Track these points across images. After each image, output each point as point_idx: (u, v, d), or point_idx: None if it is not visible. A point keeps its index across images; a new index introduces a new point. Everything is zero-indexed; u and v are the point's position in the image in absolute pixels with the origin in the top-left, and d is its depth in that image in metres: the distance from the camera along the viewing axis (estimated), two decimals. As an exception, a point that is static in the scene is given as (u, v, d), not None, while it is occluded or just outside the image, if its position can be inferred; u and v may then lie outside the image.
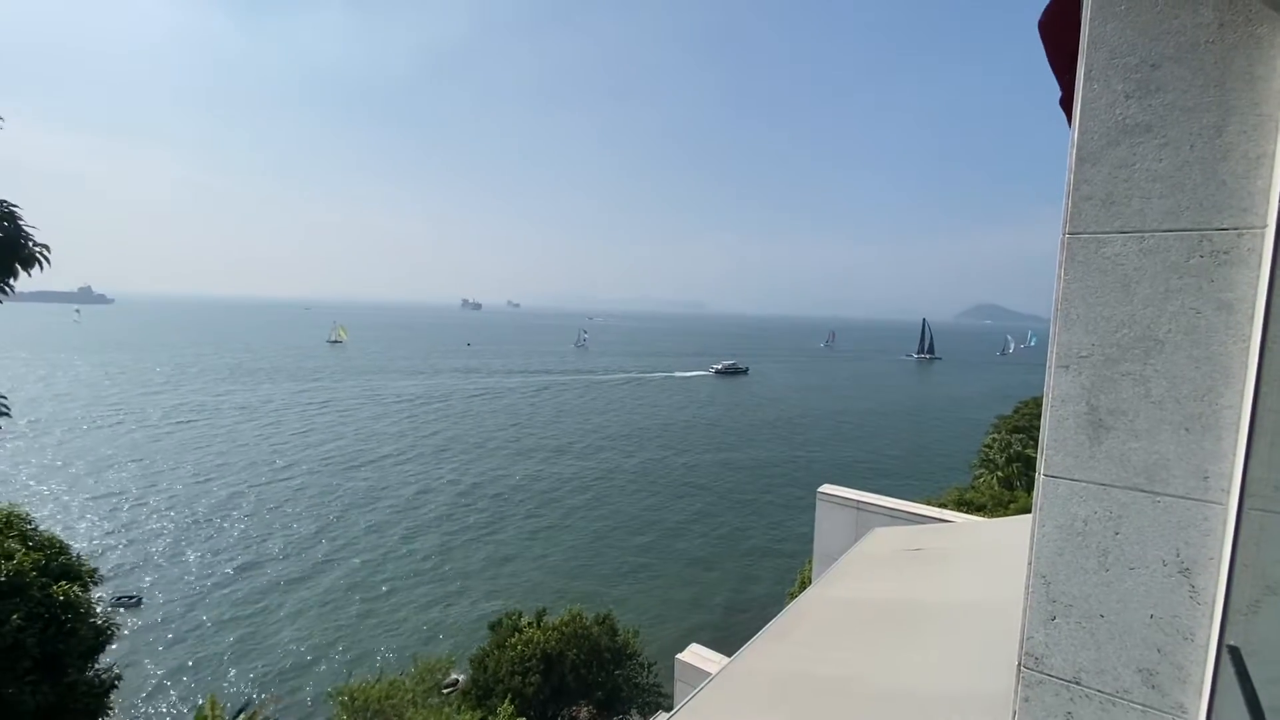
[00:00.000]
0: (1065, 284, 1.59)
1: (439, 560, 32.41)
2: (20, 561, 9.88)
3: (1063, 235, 1.60)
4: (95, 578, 11.60)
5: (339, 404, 72.59)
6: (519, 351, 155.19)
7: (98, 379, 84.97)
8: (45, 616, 9.71)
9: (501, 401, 79.28)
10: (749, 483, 46.49)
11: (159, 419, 60.90)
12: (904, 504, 6.79)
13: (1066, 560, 1.58)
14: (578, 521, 38.17)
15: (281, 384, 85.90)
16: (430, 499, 41.29)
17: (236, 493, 40.82)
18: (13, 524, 10.64)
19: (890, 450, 59.15)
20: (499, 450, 54.21)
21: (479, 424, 64.91)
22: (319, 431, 58.41)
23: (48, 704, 8.88)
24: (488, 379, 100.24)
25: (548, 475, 47.33)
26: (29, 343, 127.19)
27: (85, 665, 10.56)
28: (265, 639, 25.00)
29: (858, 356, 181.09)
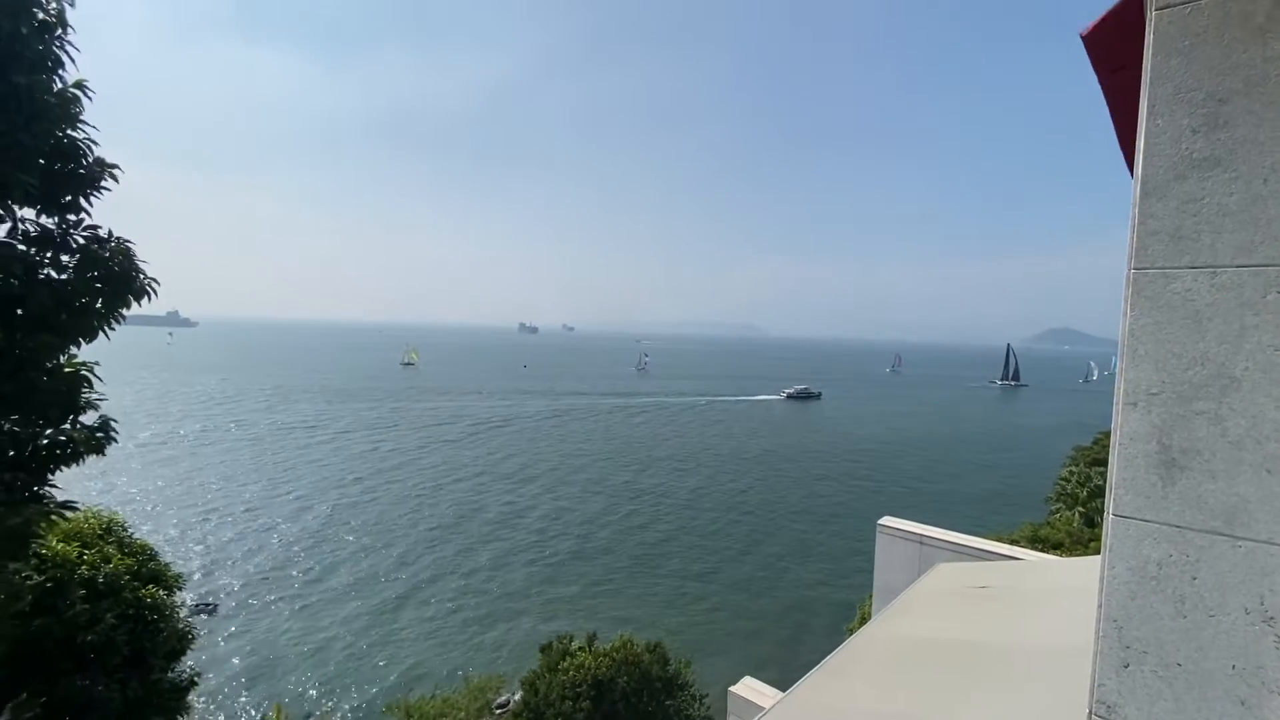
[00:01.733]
0: (1132, 319, 1.55)
1: (496, 579, 32.91)
2: (115, 565, 10.65)
3: (1128, 270, 1.57)
4: (179, 584, 12.38)
5: (412, 424, 75.30)
6: (580, 374, 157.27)
7: (190, 398, 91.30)
8: (135, 617, 10.40)
9: (570, 424, 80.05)
10: (817, 512, 45.37)
11: (246, 437, 64.72)
12: (970, 539, 6.49)
13: (1140, 605, 1.52)
14: (636, 546, 38.03)
15: (360, 404, 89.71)
16: (493, 519, 42.06)
17: (313, 510, 42.70)
18: (111, 530, 11.49)
19: (966, 482, 56.48)
20: (568, 474, 54.73)
21: (547, 446, 65.79)
22: (393, 452, 60.56)
23: (135, 699, 9.47)
24: (555, 401, 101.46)
25: (615, 499, 47.51)
26: (132, 365, 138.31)
27: (168, 665, 11.23)
28: (328, 650, 25.89)
29: (932, 383, 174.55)
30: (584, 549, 37.31)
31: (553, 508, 44.98)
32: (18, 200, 5.68)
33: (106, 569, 10.41)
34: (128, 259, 6.19)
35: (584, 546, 37.69)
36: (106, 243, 6.06)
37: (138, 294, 6.41)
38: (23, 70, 5.03)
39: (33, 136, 5.33)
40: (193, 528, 38.47)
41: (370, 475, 51.60)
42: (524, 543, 38.24)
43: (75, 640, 9.02)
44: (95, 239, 6.00)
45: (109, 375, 6.66)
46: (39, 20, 5.34)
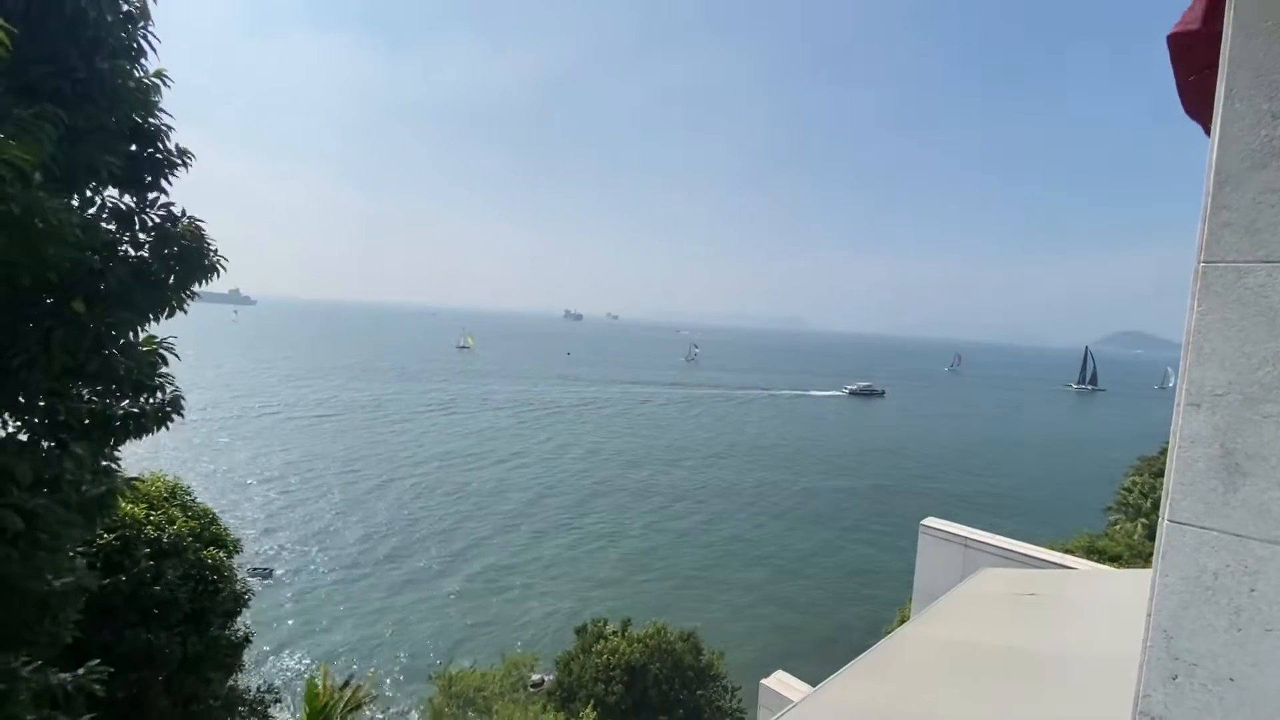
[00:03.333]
0: (1199, 315, 1.47)
1: (538, 560, 33.69)
2: (180, 527, 11.34)
3: (1197, 264, 1.49)
4: (237, 547, 13.09)
5: (470, 405, 77.47)
6: (628, 363, 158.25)
7: (257, 373, 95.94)
8: (196, 577, 11.05)
9: (620, 413, 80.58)
10: (868, 509, 44.73)
11: (308, 412, 67.71)
12: (1018, 545, 6.27)
13: (1192, 615, 1.45)
14: (680, 535, 38.33)
15: (422, 385, 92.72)
16: (541, 503, 42.92)
17: (370, 484, 44.54)
18: (176, 494, 12.20)
19: (1032, 487, 54.59)
20: (618, 461, 55.30)
21: (597, 434, 66.58)
22: (450, 432, 62.60)
23: (193, 654, 10.08)
24: (604, 389, 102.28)
25: (664, 489, 47.82)
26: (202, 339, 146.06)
27: (226, 623, 11.92)
28: (375, 619, 27.00)
29: (996, 384, 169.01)
30: (626, 535, 37.74)
31: (601, 495, 45.52)
32: (103, 182, 6.05)
33: (171, 530, 11.09)
34: (198, 237, 6.51)
35: (626, 533, 38.12)
36: (179, 221, 6.39)
37: (208, 271, 6.75)
38: (106, 57, 5.33)
39: (115, 121, 5.65)
40: (254, 496, 40.55)
41: (427, 455, 53.36)
42: (569, 528, 38.94)
43: (140, 596, 9.66)
44: (169, 217, 6.34)
45: (179, 348, 7.07)
46: (124, 10, 5.64)
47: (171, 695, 10.39)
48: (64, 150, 5.24)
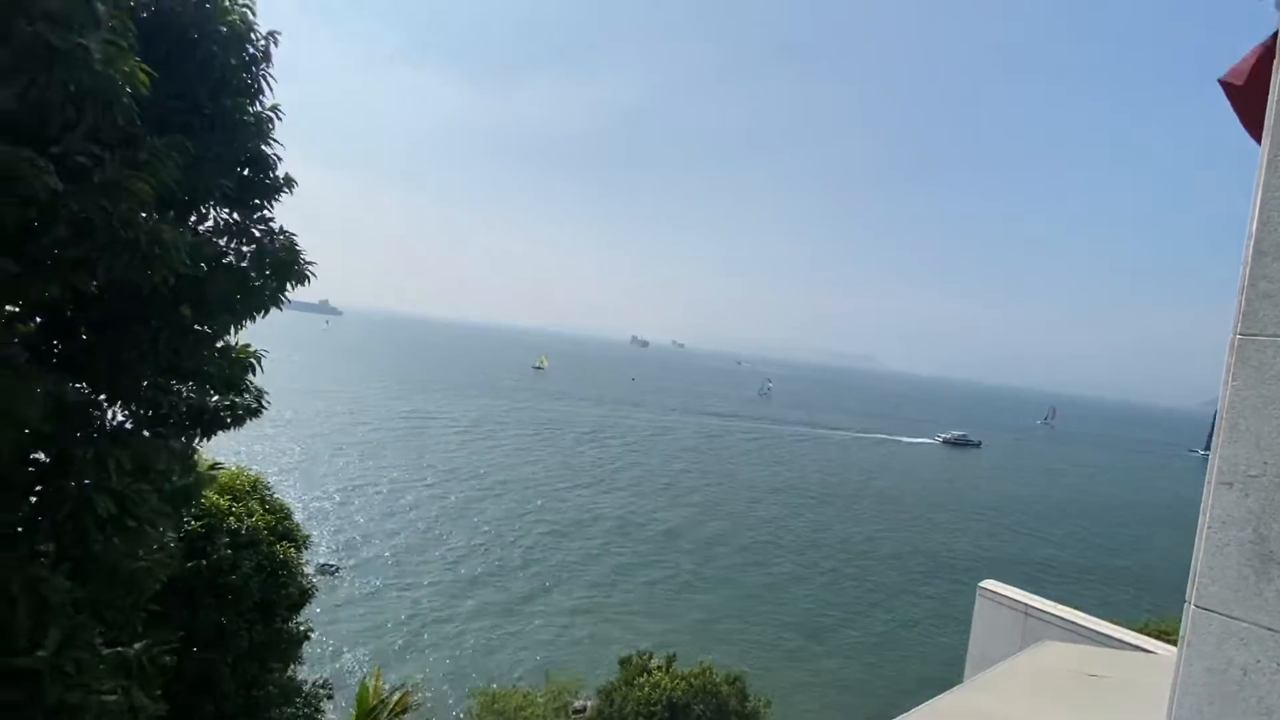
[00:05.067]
0: (1234, 390, 1.40)
1: (593, 584, 33.65)
2: (257, 520, 12.13)
3: (1233, 335, 1.42)
4: (306, 543, 13.85)
5: (538, 425, 79.03)
6: (699, 393, 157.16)
7: (344, 379, 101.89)
8: (267, 569, 11.75)
9: (690, 444, 79.00)
10: (945, 571, 42.07)
11: (388, 420, 71.15)
12: (1088, 619, 5.78)
13: (1216, 712, 1.35)
14: (741, 576, 37.14)
15: (496, 401, 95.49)
16: (604, 528, 42.70)
17: (439, 495, 46.02)
18: (256, 488, 13.09)
19: (1135, 556, 50.02)
20: (684, 493, 54.31)
21: (667, 463, 65.74)
22: (520, 450, 63.85)
23: (259, 642, 10.69)
24: (682, 419, 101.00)
25: (734, 527, 46.56)
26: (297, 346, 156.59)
27: (290, 616, 12.58)
28: (428, 627, 27.67)
29: (1097, 442, 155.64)
30: (684, 570, 37.07)
31: (665, 525, 44.88)
32: (218, 202, 6.77)
33: (249, 522, 11.87)
34: (292, 249, 7.14)
35: (684, 567, 37.45)
36: (276, 234, 7.04)
37: (299, 279, 7.37)
38: (229, 94, 6.01)
39: (232, 150, 6.34)
40: (327, 496, 42.78)
41: (497, 469, 54.71)
42: (626, 553, 38.72)
43: (217, 582, 10.37)
44: (268, 232, 6.99)
45: (274, 352, 7.69)
46: (248, 54, 6.36)
47: (236, 679, 11.02)
48: (187, 175, 5.91)
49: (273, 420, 60.43)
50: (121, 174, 4.04)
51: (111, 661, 4.73)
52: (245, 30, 6.27)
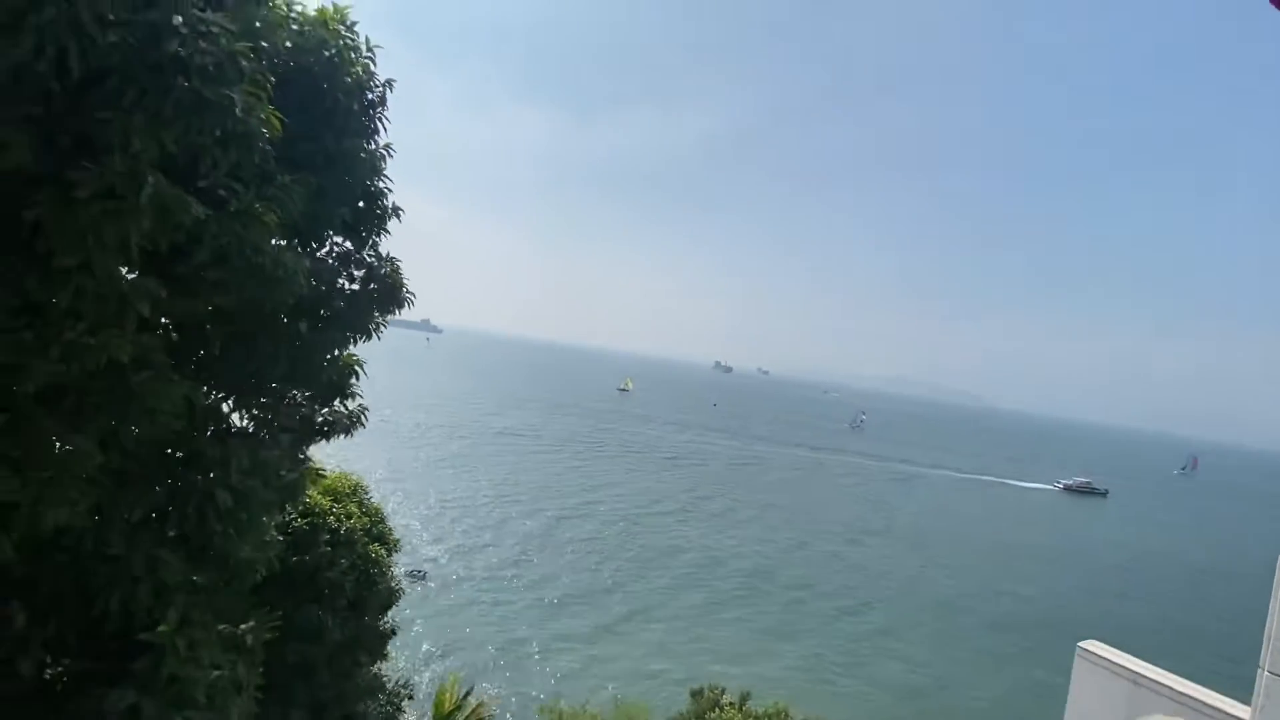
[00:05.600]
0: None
1: (671, 610, 33.04)
2: (354, 522, 13.03)
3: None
4: (397, 546, 14.68)
5: (625, 447, 79.43)
6: (787, 422, 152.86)
7: (444, 393, 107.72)
8: (361, 569, 12.56)
9: (789, 479, 75.65)
10: (1059, 637, 37.71)
11: (484, 436, 74.00)
12: (1207, 693, 5.09)
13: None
14: (829, 623, 35.08)
15: (581, 421, 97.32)
16: (686, 556, 41.86)
17: (527, 513, 46.80)
18: (355, 492, 14.08)
19: None
20: (775, 526, 52.41)
21: (753, 492, 63.96)
22: (606, 471, 64.45)
23: (350, 636, 11.41)
24: (772, 449, 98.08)
25: (831, 566, 44.18)
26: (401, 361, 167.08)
27: (379, 615, 13.35)
28: (506, 642, 28.29)
29: (1252, 498, 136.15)
30: (769, 610, 35.46)
31: (751, 561, 43.35)
32: (336, 230, 7.54)
33: (348, 524, 12.77)
34: (396, 274, 7.81)
35: (769, 608, 35.82)
36: (384, 261, 7.71)
37: (401, 303, 8.04)
38: (349, 135, 6.71)
39: (350, 184, 7.05)
40: (422, 504, 45.09)
41: (583, 490, 55.46)
42: (710, 588, 37.75)
43: (317, 577, 11.21)
44: (377, 258, 7.67)
45: (382, 367, 8.39)
46: (368, 100, 7.09)
47: (330, 669, 11.79)
48: (311, 207, 6.64)
49: (377, 430, 64.49)
50: (254, 205, 4.62)
51: (222, 639, 5.27)
52: (366, 79, 7.01)
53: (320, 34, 6.26)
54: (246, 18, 4.82)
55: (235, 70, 3.84)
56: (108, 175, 3.29)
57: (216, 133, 3.82)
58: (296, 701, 10.58)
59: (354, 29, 6.93)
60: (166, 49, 3.34)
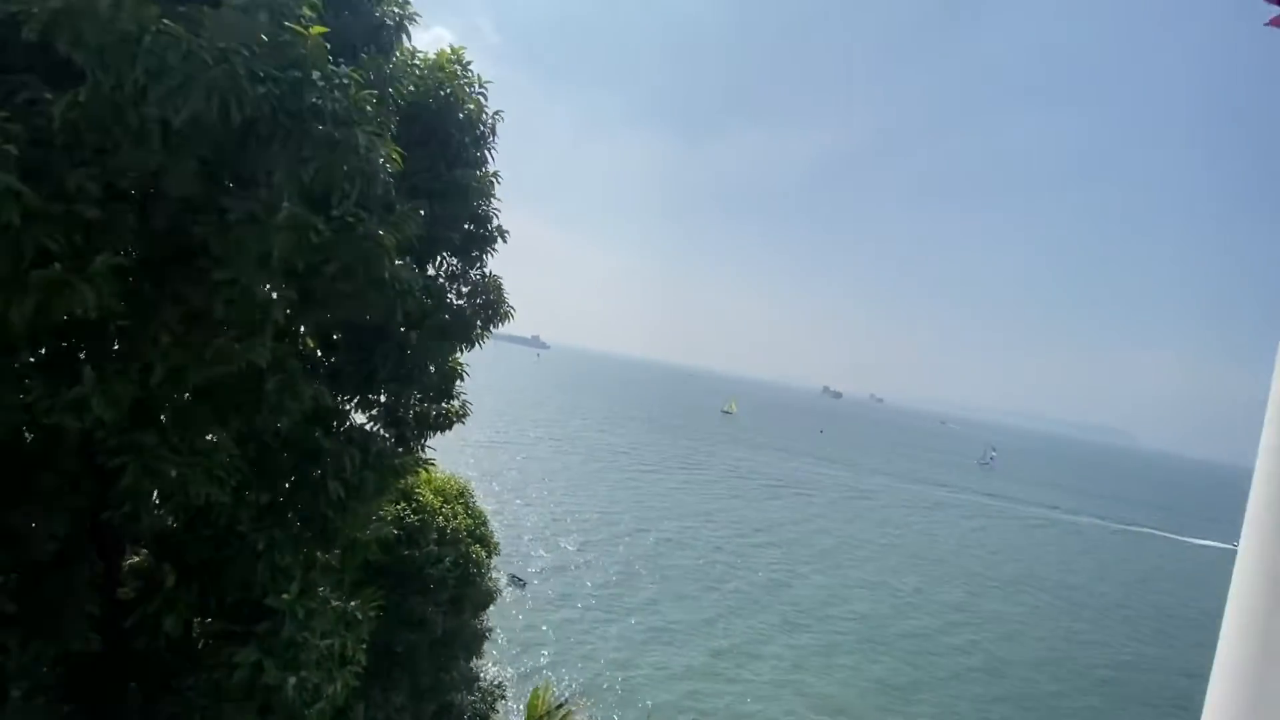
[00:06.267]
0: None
1: (780, 656, 31.02)
2: (460, 522, 13.92)
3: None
4: (497, 550, 15.47)
5: (730, 473, 76.88)
6: (904, 454, 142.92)
7: (553, 407, 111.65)
8: (463, 567, 13.38)
9: (913, 521, 69.45)
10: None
11: (594, 451, 74.73)
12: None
13: None
14: (956, 685, 31.29)
15: (685, 442, 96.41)
16: (803, 597, 39.49)
17: (631, 531, 46.40)
18: (463, 494, 15.04)
19: None
20: (894, 569, 48.36)
21: (873, 533, 59.58)
22: (711, 496, 62.63)
23: (448, 631, 12.15)
24: (893, 484, 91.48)
25: (953, 618, 40.02)
26: (512, 374, 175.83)
27: (476, 613, 14.10)
28: (602, 658, 28.37)
29: None
30: (887, 663, 32.47)
31: (869, 607, 39.91)
32: (448, 251, 8.29)
33: (454, 523, 13.67)
34: (499, 291, 8.43)
35: (888, 661, 32.79)
36: (488, 279, 8.35)
37: (502, 318, 8.66)
38: (461, 165, 7.40)
39: (461, 210, 7.74)
40: (527, 513, 46.64)
41: (688, 513, 53.98)
42: (815, 625, 35.39)
43: (423, 571, 12.10)
44: (482, 276, 8.32)
45: (494, 379, 8.98)
46: (479, 132, 7.78)
47: (430, 659, 12.62)
48: (426, 230, 7.39)
49: (492, 440, 68.00)
50: (375, 229, 5.25)
51: (334, 612, 5.90)
52: (478, 114, 7.72)
53: (438, 76, 6.98)
54: (377, 69, 5.53)
55: (361, 115, 4.45)
56: (252, 202, 3.95)
57: (344, 168, 4.42)
58: (398, 686, 11.41)
59: (468, 68, 7.67)
60: (306, 99, 3.97)
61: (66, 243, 3.47)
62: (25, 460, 4.32)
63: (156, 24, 3.37)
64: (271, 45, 3.77)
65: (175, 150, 3.86)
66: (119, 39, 3.28)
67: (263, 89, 3.71)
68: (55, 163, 3.45)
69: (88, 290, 3.46)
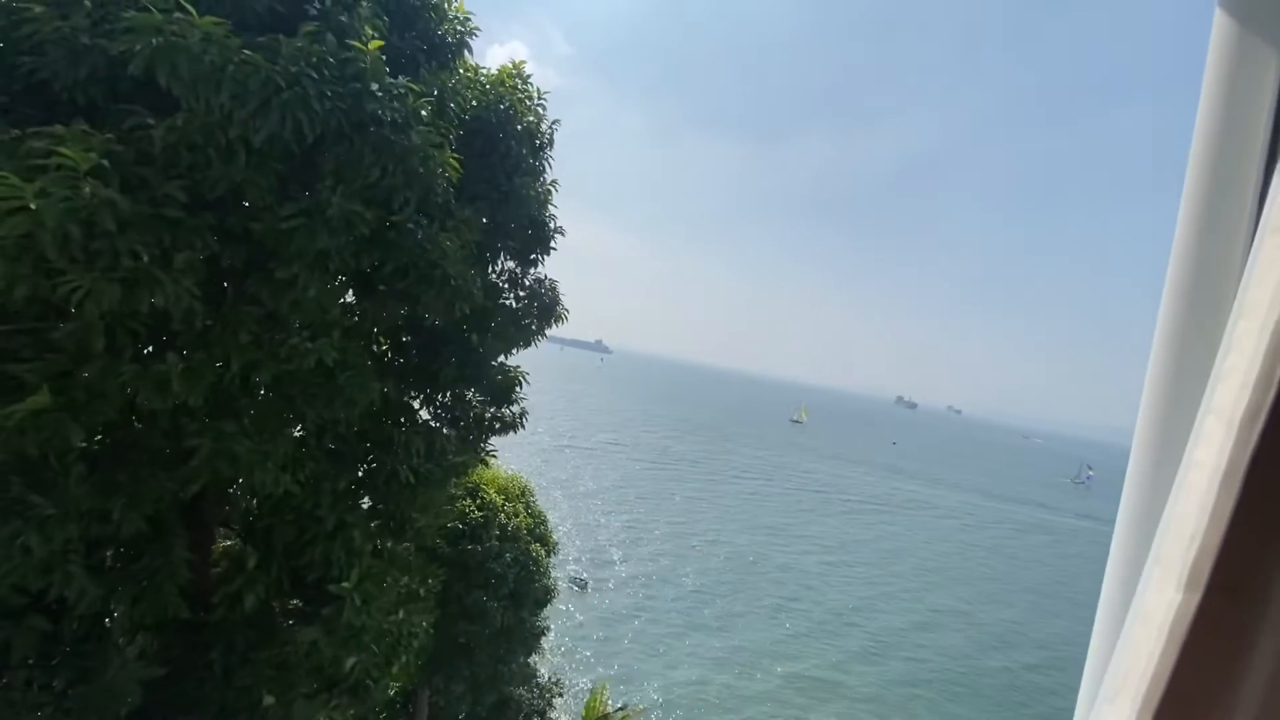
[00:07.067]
0: None
1: (844, 681, 29.43)
2: (521, 521, 14.31)
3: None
4: (555, 549, 15.78)
5: (804, 485, 74.26)
6: (987, 470, 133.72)
7: (620, 412, 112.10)
8: (522, 564, 13.75)
9: (1007, 543, 64.99)
10: None
11: (661, 459, 73.79)
12: None
13: None
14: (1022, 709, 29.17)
15: (757, 451, 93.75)
16: (877, 626, 37.19)
17: (704, 540, 45.47)
18: (524, 494, 15.46)
19: None
20: (991, 601, 44.69)
21: (957, 555, 55.49)
22: (783, 509, 60.47)
23: (507, 626, 12.51)
24: (967, 499, 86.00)
25: (1062, 652, 36.60)
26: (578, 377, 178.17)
27: (535, 611, 14.44)
28: (657, 662, 28.14)
29: None
30: (970, 702, 29.85)
31: (960, 633, 37.58)
32: (508, 255, 8.61)
33: (515, 521, 14.08)
34: (554, 294, 8.68)
35: (969, 700, 30.11)
36: (544, 283, 8.61)
37: (556, 319, 8.90)
38: (520, 174, 7.68)
39: (519, 216, 8.04)
40: (592, 516, 46.73)
41: (759, 526, 52.39)
42: (900, 658, 32.97)
43: (485, 566, 12.52)
44: (538, 280, 8.59)
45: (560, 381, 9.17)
46: (538, 143, 8.06)
47: (489, 651, 13.03)
48: (487, 236, 7.72)
49: (559, 445, 68.65)
50: (433, 233, 5.56)
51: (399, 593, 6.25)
52: (536, 125, 8.00)
53: (499, 90, 7.30)
54: (439, 84, 5.86)
55: (418, 121, 4.74)
56: (304, 200, 4.30)
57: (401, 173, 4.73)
58: (459, 675, 11.86)
59: (529, 82, 7.97)
60: (367, 109, 4.29)
61: (155, 243, 3.89)
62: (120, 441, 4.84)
63: (238, 55, 3.77)
64: (337, 64, 4.11)
65: (257, 165, 4.26)
66: (208, 70, 3.69)
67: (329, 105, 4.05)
68: (153, 178, 3.90)
69: (167, 281, 3.85)
